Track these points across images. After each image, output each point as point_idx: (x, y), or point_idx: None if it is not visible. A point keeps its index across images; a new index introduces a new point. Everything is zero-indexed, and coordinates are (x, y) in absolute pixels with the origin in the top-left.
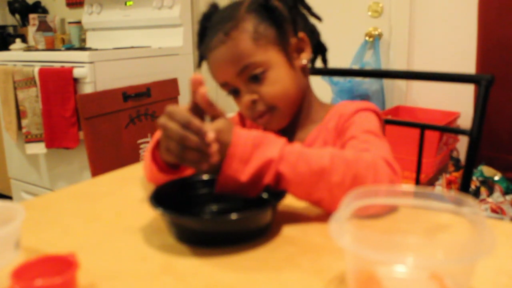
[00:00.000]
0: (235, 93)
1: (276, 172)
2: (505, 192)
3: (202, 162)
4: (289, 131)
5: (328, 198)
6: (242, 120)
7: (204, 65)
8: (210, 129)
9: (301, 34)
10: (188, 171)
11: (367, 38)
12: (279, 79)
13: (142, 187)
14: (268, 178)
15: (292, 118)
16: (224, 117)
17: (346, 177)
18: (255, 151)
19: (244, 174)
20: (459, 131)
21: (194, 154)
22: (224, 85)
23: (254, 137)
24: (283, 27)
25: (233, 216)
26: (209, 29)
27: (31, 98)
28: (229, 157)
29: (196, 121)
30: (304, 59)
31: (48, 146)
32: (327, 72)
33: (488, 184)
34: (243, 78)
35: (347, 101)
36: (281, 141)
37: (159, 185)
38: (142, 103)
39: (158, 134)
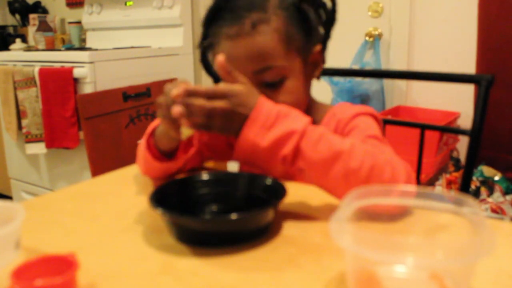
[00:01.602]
0: None
1: (296, 145)
2: (505, 192)
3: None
4: None
5: (342, 183)
6: None
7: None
8: (231, 88)
9: (319, 47)
10: (181, 160)
11: (367, 38)
12: (294, 91)
13: (142, 187)
14: (287, 149)
15: None
16: (246, 83)
17: (364, 165)
18: (279, 120)
19: (265, 139)
20: (459, 131)
21: (221, 119)
22: None
23: (280, 108)
24: (312, 36)
25: (233, 216)
26: (229, 11)
27: (31, 98)
28: (251, 121)
29: (217, 88)
30: (318, 72)
31: (48, 146)
32: (327, 72)
33: (488, 184)
34: (258, 78)
35: (344, 103)
36: (306, 118)
37: (159, 185)
38: (142, 103)
39: (154, 124)
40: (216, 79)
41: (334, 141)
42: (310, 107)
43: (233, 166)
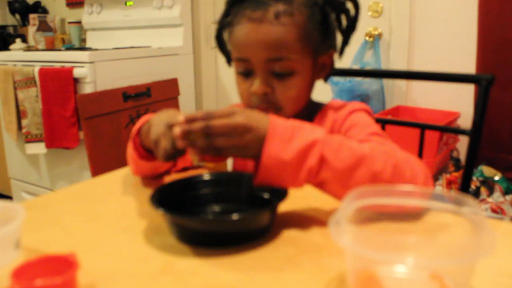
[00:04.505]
0: (246, 74)
1: (320, 154)
2: (505, 192)
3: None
4: None
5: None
6: None
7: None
8: (232, 109)
9: (331, 51)
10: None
11: (367, 38)
12: (299, 87)
13: (142, 186)
14: (312, 160)
15: None
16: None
17: (386, 166)
18: (296, 132)
19: (287, 153)
20: (459, 131)
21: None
22: (243, 60)
23: (293, 122)
24: (328, 39)
25: (234, 216)
26: None
27: (31, 98)
28: (271, 135)
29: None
30: (323, 74)
31: (48, 146)
32: None
33: (488, 184)
34: (268, 67)
35: (335, 101)
36: (321, 128)
37: (160, 185)
38: (142, 103)
39: (139, 124)
40: (229, 58)
41: (354, 147)
42: (305, 106)
43: None
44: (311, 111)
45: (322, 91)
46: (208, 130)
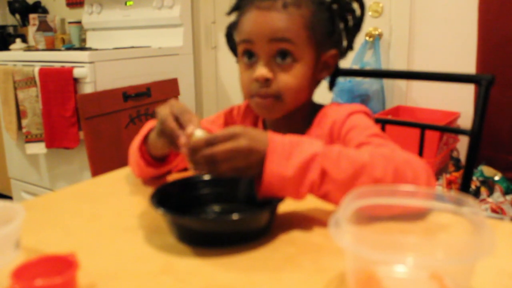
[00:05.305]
0: (249, 57)
1: (321, 168)
2: (505, 192)
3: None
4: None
5: None
6: (227, 121)
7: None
8: (234, 131)
9: (335, 51)
10: (173, 162)
11: (367, 38)
12: (300, 77)
13: (142, 187)
14: (313, 175)
15: (285, 117)
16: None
17: (387, 172)
18: (294, 147)
19: (288, 169)
20: (459, 131)
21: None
22: (247, 41)
23: (291, 138)
24: (332, 38)
25: (234, 216)
26: None
27: (31, 98)
28: (271, 153)
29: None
30: (325, 76)
31: (48, 146)
32: None
33: (488, 184)
34: (271, 49)
35: (334, 103)
36: (319, 140)
37: (160, 185)
38: (142, 103)
39: (146, 129)
40: (236, 55)
41: (353, 156)
42: (306, 106)
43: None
44: (311, 112)
45: (322, 91)
46: (212, 159)
